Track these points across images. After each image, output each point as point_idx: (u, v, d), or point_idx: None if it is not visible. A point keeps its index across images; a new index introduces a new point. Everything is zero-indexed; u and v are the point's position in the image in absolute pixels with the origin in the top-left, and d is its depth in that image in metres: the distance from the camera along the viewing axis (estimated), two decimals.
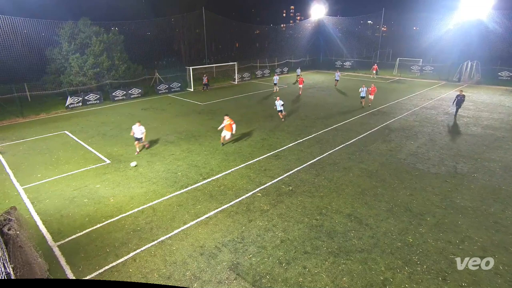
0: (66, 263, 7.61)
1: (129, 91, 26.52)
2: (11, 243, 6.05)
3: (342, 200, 10.22)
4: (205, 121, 19.63)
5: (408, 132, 16.92)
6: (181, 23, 43.85)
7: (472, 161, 13.25)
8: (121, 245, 8.17)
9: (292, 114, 20.69)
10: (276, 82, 29.03)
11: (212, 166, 12.87)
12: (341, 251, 7.86)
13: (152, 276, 7.17)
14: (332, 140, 15.78)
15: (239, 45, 58.29)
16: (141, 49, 33.30)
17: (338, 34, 47.37)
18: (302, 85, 27.64)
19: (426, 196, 10.49)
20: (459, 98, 19.47)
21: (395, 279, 7.00)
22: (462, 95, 19.56)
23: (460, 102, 19.53)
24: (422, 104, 23.41)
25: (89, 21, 26.34)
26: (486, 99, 24.99)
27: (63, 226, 9.05)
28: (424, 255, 7.73)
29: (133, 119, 20.24)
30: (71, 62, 25.22)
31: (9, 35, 22.54)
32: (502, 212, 9.51)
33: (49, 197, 10.62)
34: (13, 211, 7.04)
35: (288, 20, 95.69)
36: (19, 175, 12.29)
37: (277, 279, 7.00)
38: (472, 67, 32.58)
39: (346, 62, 45.64)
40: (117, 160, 13.62)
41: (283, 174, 12.12)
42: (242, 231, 8.72)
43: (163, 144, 15.57)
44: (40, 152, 14.75)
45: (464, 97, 19.64)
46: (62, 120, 20.21)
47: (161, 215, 9.51)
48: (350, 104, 23.43)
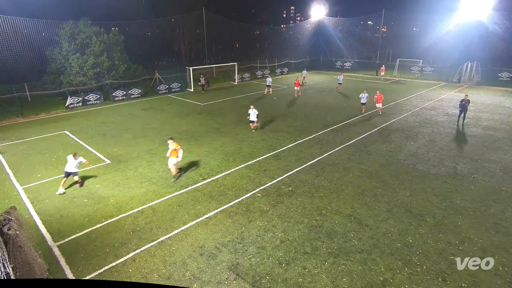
0: (66, 263, 7.60)
1: (129, 91, 26.53)
2: (10, 243, 6.05)
3: (342, 201, 10.22)
4: (205, 121, 19.63)
5: (408, 133, 16.92)
6: (181, 24, 43.92)
7: (472, 162, 13.26)
8: (121, 245, 8.17)
9: (292, 115, 20.70)
10: (269, 83, 27.87)
11: (212, 167, 12.87)
12: (341, 252, 7.86)
13: (151, 277, 7.16)
14: (332, 140, 15.78)
15: (239, 45, 58.36)
16: (141, 49, 33.34)
17: (338, 34, 47.41)
18: (298, 88, 26.39)
19: (426, 197, 10.49)
20: (464, 102, 18.35)
21: (394, 279, 7.00)
22: (467, 99, 18.42)
23: (464, 106, 18.34)
24: (422, 105, 23.42)
25: (90, 21, 26.36)
26: (486, 100, 25.01)
27: (63, 226, 9.04)
28: (424, 256, 7.73)
29: (133, 119, 20.28)
30: (71, 62, 25.22)
31: (9, 35, 22.55)
32: (502, 213, 9.51)
33: (48, 197, 10.62)
34: (13, 211, 7.04)
35: (288, 20, 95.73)
36: (19, 175, 12.29)
37: (276, 280, 7.00)
38: (472, 68, 32.61)
39: (346, 62, 45.68)
40: (117, 160, 13.62)
41: (283, 174, 12.12)
42: (241, 231, 8.72)
43: (163, 144, 15.56)
44: (40, 152, 14.75)
45: (468, 102, 18.49)
46: (62, 120, 20.20)
47: (160, 215, 9.50)
48: (350, 105, 23.44)
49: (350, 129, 17.61)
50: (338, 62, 46.51)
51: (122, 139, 16.43)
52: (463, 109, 18.43)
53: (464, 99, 18.49)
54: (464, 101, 18.38)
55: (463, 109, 18.44)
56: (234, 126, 18.39)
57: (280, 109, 22.31)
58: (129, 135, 16.97)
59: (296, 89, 26.31)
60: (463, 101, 18.44)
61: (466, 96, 18.73)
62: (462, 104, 18.42)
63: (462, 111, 18.50)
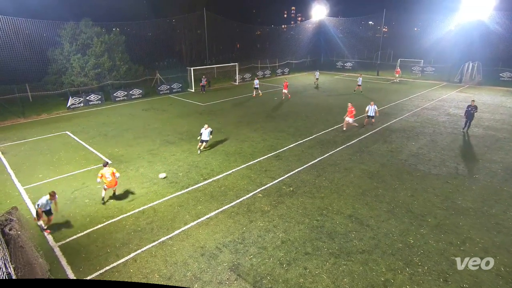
0: (67, 263, 7.62)
1: (130, 91, 26.57)
2: (12, 243, 6.06)
3: (343, 201, 10.21)
4: (206, 121, 19.51)
5: (409, 133, 16.89)
6: (182, 24, 43.95)
7: (474, 162, 13.23)
8: (122, 246, 8.18)
9: (293, 115, 20.69)
10: (257, 86, 26.84)
11: (213, 167, 12.88)
12: (342, 252, 7.85)
13: (152, 277, 7.17)
14: (333, 140, 15.76)
15: (240, 46, 58.36)
16: (142, 50, 33.40)
17: (339, 35, 47.37)
18: (287, 90, 25.10)
19: (427, 197, 10.46)
20: (470, 109, 16.57)
21: (396, 280, 6.99)
22: (474, 106, 16.63)
23: (470, 114, 16.56)
24: (423, 105, 23.38)
25: (91, 21, 26.43)
26: (487, 100, 24.94)
27: (64, 226, 9.06)
28: (425, 256, 7.71)
29: (134, 119, 20.31)
30: (73, 62, 25.29)
31: (11, 35, 22.61)
32: (503, 213, 9.49)
33: None
34: (15, 211, 7.06)
35: (289, 21, 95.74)
36: (20, 175, 12.31)
37: (277, 280, 6.99)
38: (474, 68, 32.54)
39: (347, 63, 45.66)
40: (118, 161, 13.63)
41: (284, 174, 12.11)
42: (242, 231, 8.72)
43: (164, 144, 15.58)
44: (41, 152, 14.78)
45: (476, 108, 16.70)
46: (63, 121, 20.25)
47: (162, 215, 9.51)
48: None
49: (351, 129, 17.58)
50: (339, 62, 46.49)
51: (123, 139, 16.46)
52: (469, 117, 16.67)
53: (470, 105, 16.70)
54: (471, 107, 16.60)
55: (469, 117, 16.69)
56: (235, 127, 18.40)
57: (280, 109, 22.30)
58: (130, 136, 17.00)
59: (284, 91, 25.15)
60: (469, 108, 16.64)
61: (473, 102, 16.93)
62: (468, 110, 16.63)
63: (468, 119, 16.73)
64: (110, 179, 9.98)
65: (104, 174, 9.98)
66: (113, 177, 10.05)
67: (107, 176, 9.97)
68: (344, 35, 47.39)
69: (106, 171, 10.01)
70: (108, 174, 9.98)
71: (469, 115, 16.69)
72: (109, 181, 10.00)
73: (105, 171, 10.01)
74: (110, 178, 9.97)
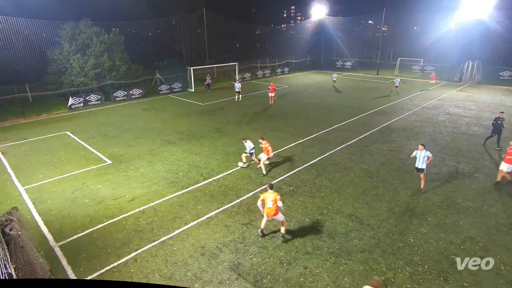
0: (68, 263, 7.62)
1: (130, 91, 26.57)
2: (12, 244, 6.06)
3: (343, 200, 10.21)
4: (206, 121, 19.64)
5: (409, 132, 16.89)
6: (182, 24, 43.91)
7: (474, 161, 13.22)
8: (122, 246, 8.18)
9: (293, 114, 20.69)
10: (238, 90, 25.15)
11: (213, 167, 12.88)
12: (342, 251, 7.85)
13: (153, 277, 7.17)
14: (333, 140, 15.76)
15: (239, 45, 58.33)
16: (142, 50, 33.37)
17: (339, 34, 47.34)
18: (273, 94, 23.65)
19: (427, 196, 10.47)
20: (499, 121, 14.06)
21: (396, 279, 6.99)
22: (502, 118, 14.13)
23: (498, 127, 14.05)
24: (423, 104, 23.37)
25: (90, 21, 26.41)
26: (487, 99, 24.94)
27: (64, 226, 9.06)
28: (426, 255, 7.71)
29: (134, 119, 20.31)
30: (72, 62, 25.28)
31: (10, 36, 22.60)
32: (503, 212, 9.49)
33: (50, 198, 10.64)
34: (15, 212, 7.06)
35: (289, 20, 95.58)
36: (20, 176, 12.32)
37: (278, 279, 7.00)
38: (473, 67, 32.51)
39: (347, 62, 45.64)
40: (118, 161, 13.64)
41: (284, 174, 12.11)
42: (243, 231, 8.72)
43: (164, 144, 15.58)
44: (41, 152, 14.78)
45: (503, 121, 14.19)
46: (63, 121, 20.25)
47: (162, 215, 9.52)
48: (351, 104, 23.42)
49: (351, 128, 17.59)
50: (339, 62, 46.47)
51: (123, 139, 16.46)
52: (497, 132, 14.13)
53: (499, 118, 14.12)
54: (499, 120, 14.07)
55: (497, 132, 14.15)
56: (235, 126, 18.41)
57: (281, 109, 22.30)
58: (130, 136, 17.00)
59: (270, 95, 23.64)
60: (497, 120, 14.12)
61: (502, 114, 14.27)
62: (496, 123, 14.15)
63: (495, 133, 14.23)
64: (270, 205, 8.03)
65: (266, 200, 8.09)
66: (274, 205, 7.99)
67: (268, 202, 8.06)
68: (344, 35, 47.36)
69: (268, 197, 8.07)
70: (270, 200, 8.02)
71: (496, 130, 14.16)
72: (269, 208, 8.07)
73: (267, 196, 8.09)
74: (270, 205, 8.02)
